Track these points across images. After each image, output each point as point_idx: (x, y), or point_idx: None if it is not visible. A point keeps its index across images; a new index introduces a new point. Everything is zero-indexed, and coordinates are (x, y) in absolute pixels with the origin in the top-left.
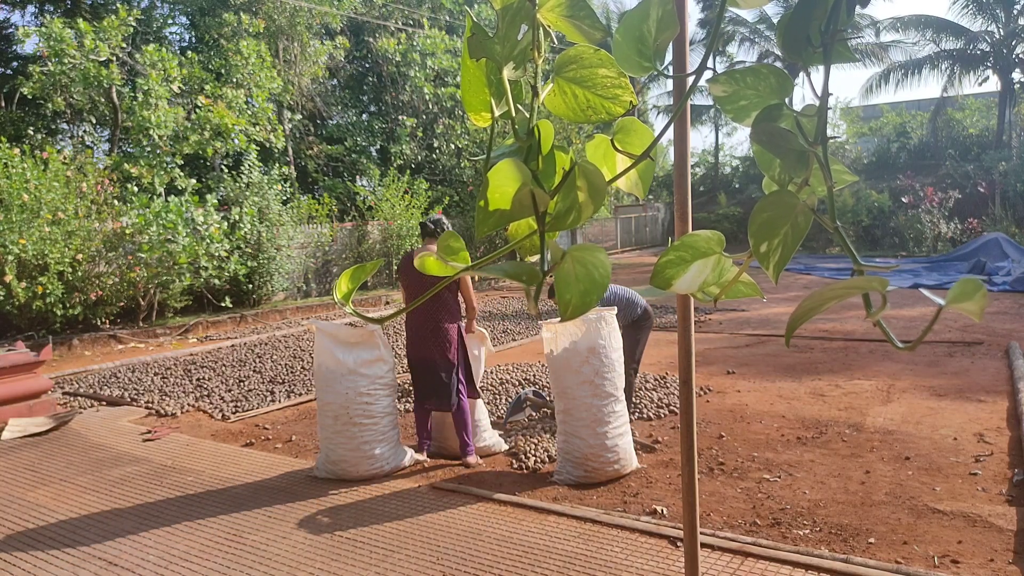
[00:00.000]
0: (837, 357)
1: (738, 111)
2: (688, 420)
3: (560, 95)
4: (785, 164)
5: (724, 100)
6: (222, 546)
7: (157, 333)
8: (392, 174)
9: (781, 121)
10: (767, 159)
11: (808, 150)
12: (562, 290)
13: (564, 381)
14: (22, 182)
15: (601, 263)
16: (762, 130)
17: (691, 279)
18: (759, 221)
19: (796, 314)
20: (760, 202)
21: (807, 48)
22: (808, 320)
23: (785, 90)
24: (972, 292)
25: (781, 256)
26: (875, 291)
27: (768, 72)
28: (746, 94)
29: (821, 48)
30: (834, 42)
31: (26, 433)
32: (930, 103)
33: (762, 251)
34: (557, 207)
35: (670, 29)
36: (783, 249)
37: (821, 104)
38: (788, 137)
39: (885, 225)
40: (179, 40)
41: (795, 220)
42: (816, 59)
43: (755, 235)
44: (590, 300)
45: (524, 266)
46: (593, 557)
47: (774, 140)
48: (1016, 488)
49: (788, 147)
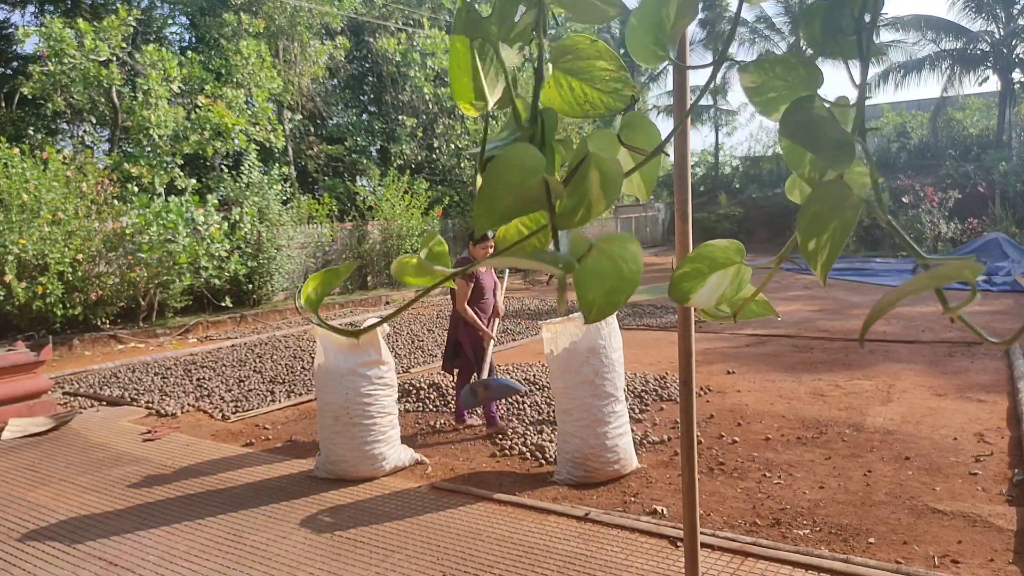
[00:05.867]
0: (837, 357)
1: (766, 103)
2: (688, 420)
3: (556, 87)
4: (821, 157)
5: (753, 91)
6: (222, 546)
7: (157, 333)
8: (392, 174)
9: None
10: (797, 155)
11: (852, 139)
12: (584, 289)
13: (564, 381)
14: (22, 182)
15: (632, 256)
16: (794, 121)
17: (709, 292)
18: (809, 215)
19: (876, 309)
20: (809, 195)
21: (840, 36)
22: (887, 313)
23: (815, 82)
24: None
25: (829, 254)
26: (966, 280)
27: (798, 62)
28: (775, 85)
29: (854, 36)
30: (873, 29)
31: (26, 433)
32: (930, 103)
33: (810, 248)
34: (564, 204)
35: (688, 15)
36: (831, 246)
37: (859, 93)
38: (826, 126)
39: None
40: (179, 40)
41: (844, 215)
42: (849, 48)
43: (804, 231)
44: (617, 300)
45: (558, 255)
46: (593, 557)
47: (809, 131)
48: (1016, 488)
49: (825, 137)
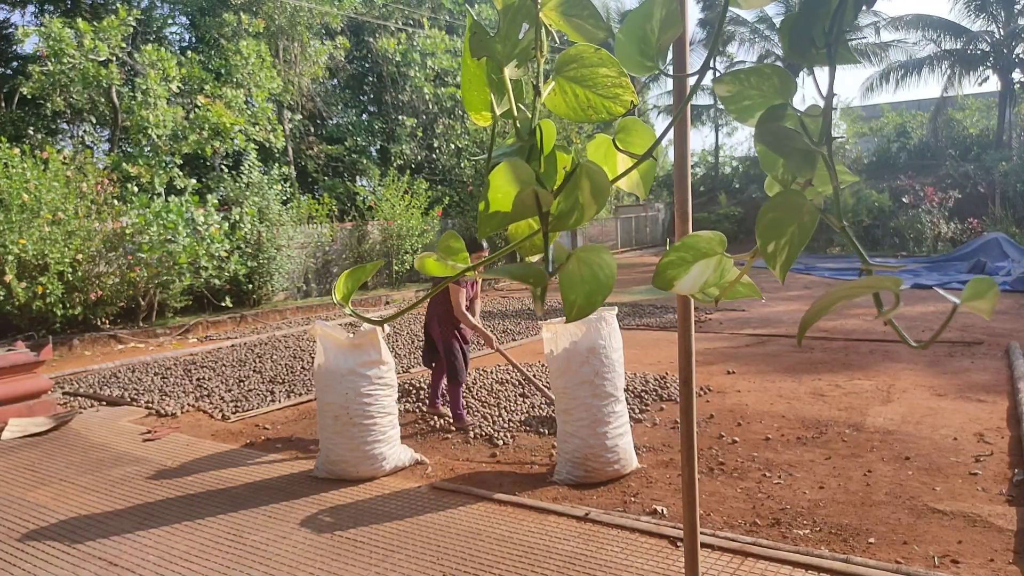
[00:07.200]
0: (837, 357)
1: (742, 111)
2: (688, 420)
3: (561, 94)
4: (790, 164)
5: (728, 100)
6: (222, 546)
7: (157, 333)
8: (392, 174)
9: (785, 121)
10: (771, 159)
11: (814, 150)
12: (567, 291)
13: (564, 381)
14: (22, 182)
15: (607, 264)
16: (767, 130)
17: (693, 280)
18: (766, 221)
19: (809, 314)
20: (767, 202)
21: (811, 49)
22: (820, 319)
23: (789, 90)
24: (985, 291)
25: (788, 256)
26: (888, 290)
27: (772, 72)
28: (750, 94)
29: (825, 49)
30: (838, 43)
31: (26, 433)
32: (930, 103)
33: (769, 251)
34: (559, 207)
35: (673, 28)
36: (789, 249)
37: (826, 104)
38: (793, 136)
39: (885, 225)
40: (179, 40)
41: (802, 220)
42: (820, 60)
43: (762, 235)
44: (595, 301)
45: (530, 267)
46: (593, 557)
47: (779, 140)
48: (1016, 488)
49: (793, 147)
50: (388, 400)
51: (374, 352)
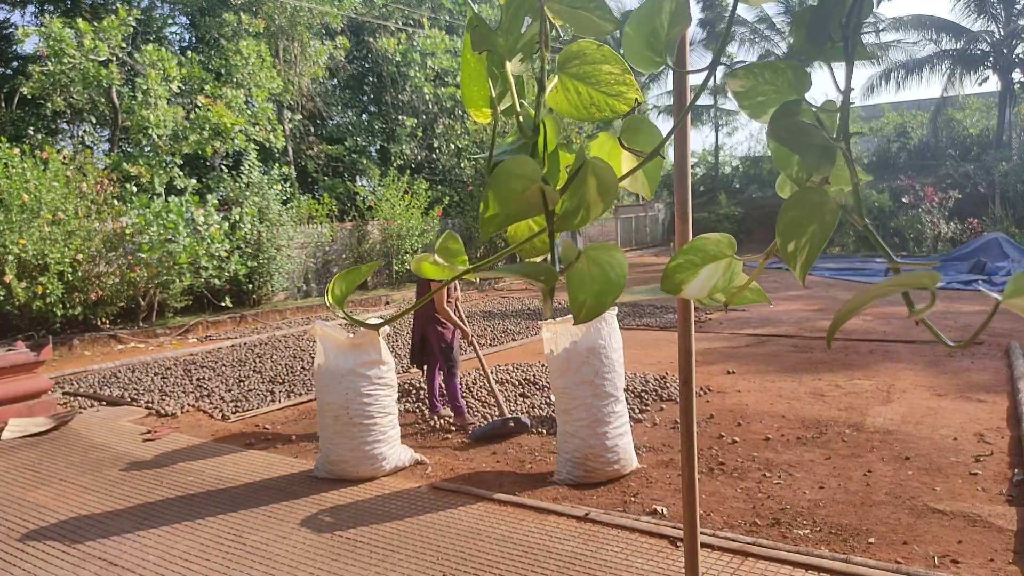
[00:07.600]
0: (837, 357)
1: (755, 107)
2: (688, 420)
3: (563, 91)
4: (805, 161)
5: (741, 95)
6: (222, 546)
7: (157, 333)
8: (392, 174)
9: (800, 117)
10: (785, 156)
11: (834, 144)
12: (576, 291)
13: (564, 381)
14: (22, 182)
15: (618, 262)
16: (781, 126)
17: (701, 284)
18: (787, 219)
19: (842, 312)
20: (787, 201)
21: (827, 43)
22: (851, 318)
23: (803, 86)
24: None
25: (808, 255)
26: (924, 287)
27: (786, 67)
28: (764, 89)
29: (841, 43)
30: (857, 36)
31: (26, 433)
32: (930, 103)
33: (789, 250)
34: (564, 206)
35: (682, 23)
36: (810, 248)
37: (844, 99)
38: (810, 132)
39: (885, 225)
40: (179, 40)
41: (823, 218)
42: (836, 54)
43: (783, 234)
44: (606, 301)
45: (540, 266)
46: (593, 557)
47: (794, 136)
48: (1016, 488)
49: (810, 143)
50: (388, 400)
51: (374, 352)
